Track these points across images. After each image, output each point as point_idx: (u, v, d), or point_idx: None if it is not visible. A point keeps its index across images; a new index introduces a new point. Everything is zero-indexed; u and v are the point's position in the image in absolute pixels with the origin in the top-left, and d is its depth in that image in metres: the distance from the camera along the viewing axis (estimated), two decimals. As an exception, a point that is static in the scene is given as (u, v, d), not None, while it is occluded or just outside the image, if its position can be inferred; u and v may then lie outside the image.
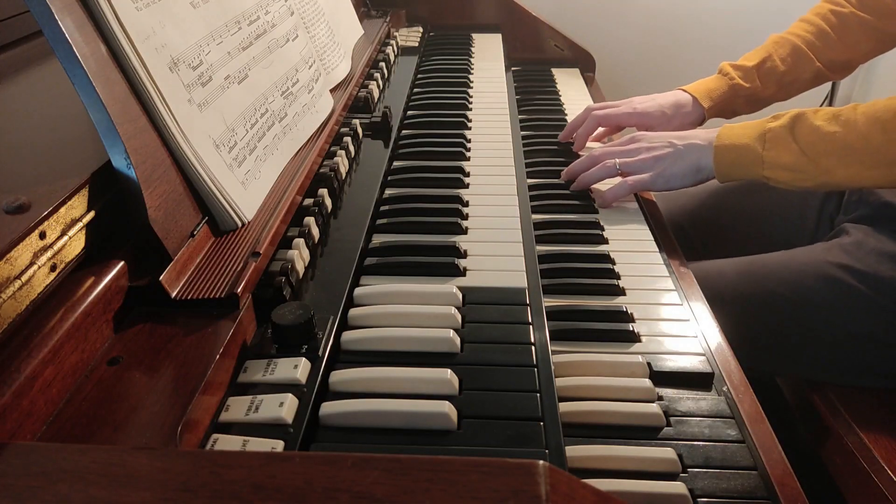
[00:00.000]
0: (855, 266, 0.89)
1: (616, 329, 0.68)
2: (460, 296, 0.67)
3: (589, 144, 1.10)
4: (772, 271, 0.94)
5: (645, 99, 1.11)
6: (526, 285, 0.70)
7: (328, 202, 0.80)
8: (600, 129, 1.13)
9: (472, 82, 1.31)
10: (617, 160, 0.95)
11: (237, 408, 0.52)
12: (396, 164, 0.97)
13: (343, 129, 0.99)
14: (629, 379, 0.61)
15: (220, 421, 0.51)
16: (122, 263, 0.57)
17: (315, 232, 0.74)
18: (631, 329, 0.67)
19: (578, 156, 1.07)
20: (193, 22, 0.70)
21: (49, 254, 0.52)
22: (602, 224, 0.88)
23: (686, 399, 0.60)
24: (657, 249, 0.84)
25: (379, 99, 1.17)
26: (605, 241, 0.85)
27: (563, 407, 0.57)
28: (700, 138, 0.92)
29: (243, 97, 0.76)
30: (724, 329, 0.70)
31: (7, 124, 0.69)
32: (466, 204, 0.87)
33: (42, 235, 0.52)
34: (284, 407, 0.51)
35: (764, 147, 0.87)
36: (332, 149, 0.93)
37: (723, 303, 0.89)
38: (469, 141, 1.05)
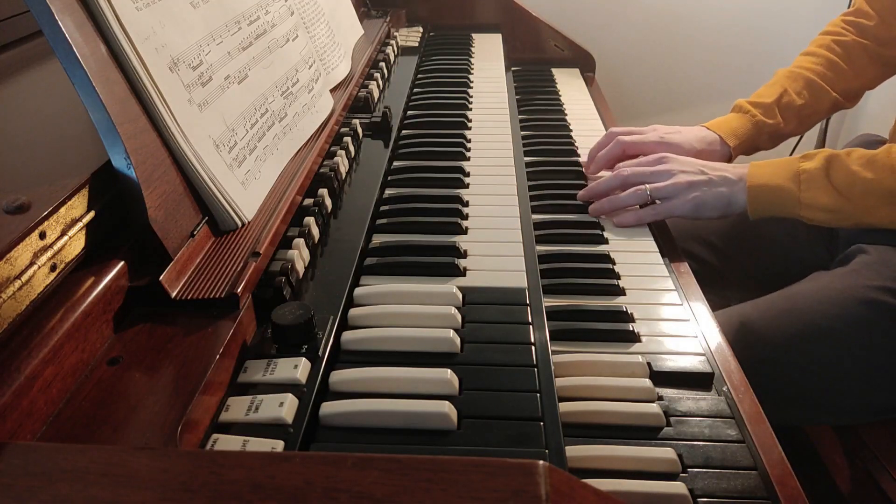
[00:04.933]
0: (892, 286, 0.87)
1: (616, 329, 0.68)
2: (460, 296, 0.67)
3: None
4: (809, 305, 0.89)
5: (671, 130, 1.05)
6: (526, 285, 0.70)
7: (328, 202, 0.80)
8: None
9: (472, 82, 1.31)
10: (647, 186, 0.90)
11: (237, 408, 0.52)
12: (396, 164, 0.97)
13: (343, 129, 0.99)
14: (629, 379, 0.61)
15: (220, 421, 0.51)
16: (122, 263, 0.57)
17: (315, 232, 0.74)
18: (631, 329, 0.67)
19: (578, 155, 1.07)
20: (193, 22, 0.70)
21: (49, 254, 0.52)
22: (602, 224, 0.88)
23: (686, 399, 0.60)
24: (657, 249, 0.84)
25: (379, 99, 1.17)
26: (605, 241, 0.85)
27: (563, 407, 0.57)
28: (730, 172, 0.89)
29: (243, 97, 0.76)
30: (752, 380, 0.64)
31: (7, 124, 0.69)
32: (466, 204, 0.87)
33: (42, 235, 0.52)
34: (284, 407, 0.51)
35: (800, 188, 0.85)
36: (332, 149, 0.93)
37: (753, 356, 0.83)
38: (469, 141, 1.05)
